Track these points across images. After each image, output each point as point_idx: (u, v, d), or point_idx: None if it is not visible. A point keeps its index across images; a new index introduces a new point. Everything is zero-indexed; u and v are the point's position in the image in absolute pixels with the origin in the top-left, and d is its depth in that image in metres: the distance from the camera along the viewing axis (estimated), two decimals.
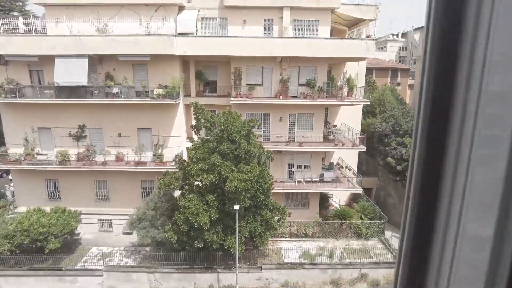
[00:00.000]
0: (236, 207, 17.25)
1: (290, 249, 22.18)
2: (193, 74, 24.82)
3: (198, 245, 18.57)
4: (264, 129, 24.69)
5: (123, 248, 23.63)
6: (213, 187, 18.38)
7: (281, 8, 23.74)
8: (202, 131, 20.42)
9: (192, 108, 20.20)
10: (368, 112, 35.17)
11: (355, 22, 28.64)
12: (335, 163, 28.00)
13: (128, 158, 23.89)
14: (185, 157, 23.48)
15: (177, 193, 21.03)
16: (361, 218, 25.30)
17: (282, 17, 23.88)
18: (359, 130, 28.43)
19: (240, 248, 18.77)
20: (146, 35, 21.95)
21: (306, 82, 24.46)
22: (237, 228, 18.13)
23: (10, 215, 24.20)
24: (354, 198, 28.70)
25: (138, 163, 23.56)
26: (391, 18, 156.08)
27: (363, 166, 33.22)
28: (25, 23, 23.19)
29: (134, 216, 21.86)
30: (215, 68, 25.57)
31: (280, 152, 24.54)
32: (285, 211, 20.36)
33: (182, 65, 24.39)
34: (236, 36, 22.87)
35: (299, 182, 25.05)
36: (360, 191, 25.80)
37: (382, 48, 77.60)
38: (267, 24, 24.33)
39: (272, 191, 19.31)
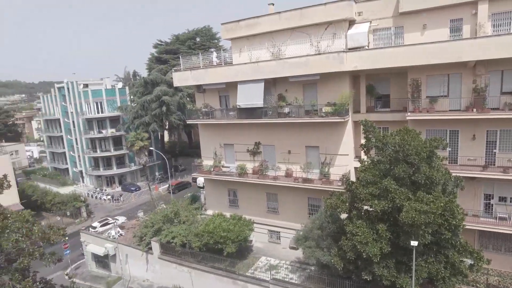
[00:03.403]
0: (414, 243, 14.64)
1: None
2: (363, 89, 23.41)
3: (365, 277, 16.81)
4: (449, 149, 20.61)
5: (289, 263, 24.22)
6: (385, 215, 16.32)
7: (474, 3, 19.60)
8: (373, 151, 18.69)
9: (362, 126, 18.82)
10: None
11: None
12: None
13: (296, 174, 24.53)
14: (352, 177, 22.23)
15: (343, 215, 19.94)
16: None
17: (476, 13, 19.66)
18: None
19: None
20: (316, 54, 22.14)
21: None
22: (413, 267, 15.41)
23: (201, 216, 28.87)
24: None
25: (305, 180, 23.83)
26: None
27: None
28: (218, 57, 27.58)
29: (301, 233, 22.03)
30: (387, 80, 23.40)
31: (472, 178, 19.80)
32: (481, 256, 15.99)
33: (352, 81, 23.39)
34: (415, 44, 20.18)
35: (502, 219, 19.49)
36: None
37: None
38: (454, 25, 20.60)
39: (462, 228, 15.55)
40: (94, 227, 35.47)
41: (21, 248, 14.99)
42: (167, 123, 57.97)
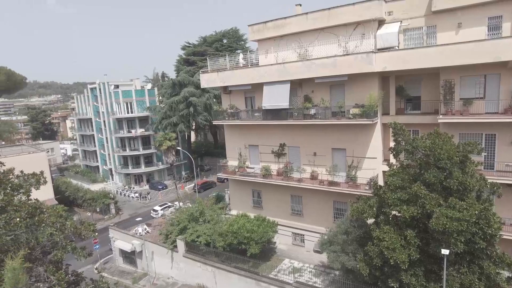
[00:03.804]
0: (445, 251, 14.02)
1: None
2: (393, 91, 22.73)
3: (392, 284, 16.24)
4: (485, 154, 19.60)
5: (313, 266, 23.90)
6: (414, 221, 15.74)
7: None
8: (402, 155, 18.09)
9: (391, 129, 18.27)
10: None
11: None
12: None
13: (322, 177, 24.18)
14: (380, 181, 21.63)
15: (370, 220, 19.43)
16: None
17: None
18: None
19: None
20: (343, 55, 21.74)
21: None
22: (444, 277, 14.75)
23: (226, 216, 29.07)
24: None
25: (331, 183, 23.43)
26: None
27: None
28: (244, 58, 27.71)
29: (326, 237, 21.68)
30: (418, 82, 22.61)
31: (511, 185, 18.74)
32: None
33: (381, 82, 22.78)
34: (448, 44, 19.35)
35: None
36: None
37: None
38: (492, 23, 19.63)
39: (498, 238, 14.72)
40: (156, 210, 41.85)
41: (55, 241, 15.65)
42: (194, 124, 58.95)
